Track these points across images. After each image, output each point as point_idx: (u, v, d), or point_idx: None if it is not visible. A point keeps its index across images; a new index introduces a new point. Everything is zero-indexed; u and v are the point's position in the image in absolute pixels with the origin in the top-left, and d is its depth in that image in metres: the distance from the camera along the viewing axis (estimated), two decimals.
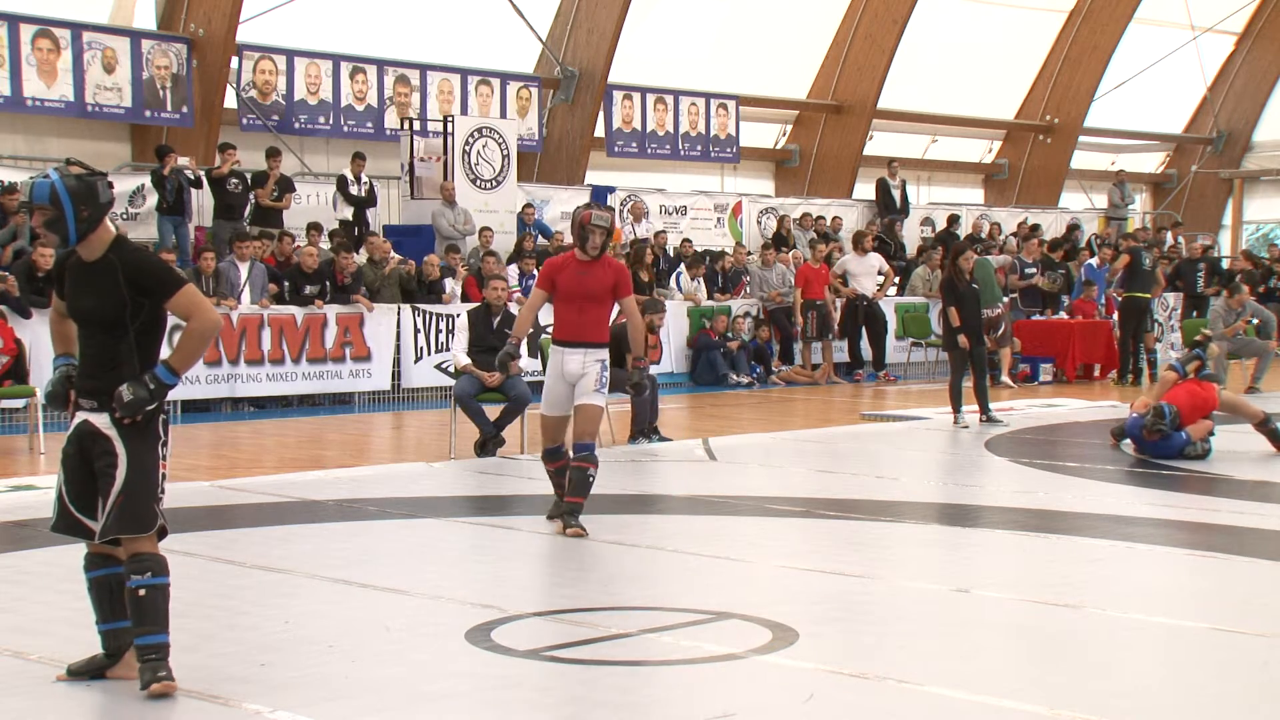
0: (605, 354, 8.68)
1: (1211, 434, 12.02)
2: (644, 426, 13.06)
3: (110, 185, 5.50)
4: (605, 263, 8.66)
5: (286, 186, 18.17)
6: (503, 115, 22.03)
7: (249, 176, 17.87)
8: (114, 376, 5.39)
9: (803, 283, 19.78)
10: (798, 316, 19.67)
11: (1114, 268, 20.19)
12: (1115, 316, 20.19)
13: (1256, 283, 23.17)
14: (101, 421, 5.41)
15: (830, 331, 19.84)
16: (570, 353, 8.64)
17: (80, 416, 5.46)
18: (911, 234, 25.33)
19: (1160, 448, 11.78)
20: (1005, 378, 18.81)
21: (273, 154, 17.98)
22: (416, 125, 20.22)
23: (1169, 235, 28.30)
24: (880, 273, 21.05)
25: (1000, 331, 18.18)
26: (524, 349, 12.47)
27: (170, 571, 5.45)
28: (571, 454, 8.63)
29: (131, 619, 5.38)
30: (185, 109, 19.29)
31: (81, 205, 5.34)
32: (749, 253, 21.73)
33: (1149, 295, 19.70)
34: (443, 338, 16.74)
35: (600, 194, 22.25)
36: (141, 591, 5.34)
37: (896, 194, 24.74)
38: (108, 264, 5.41)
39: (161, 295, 5.43)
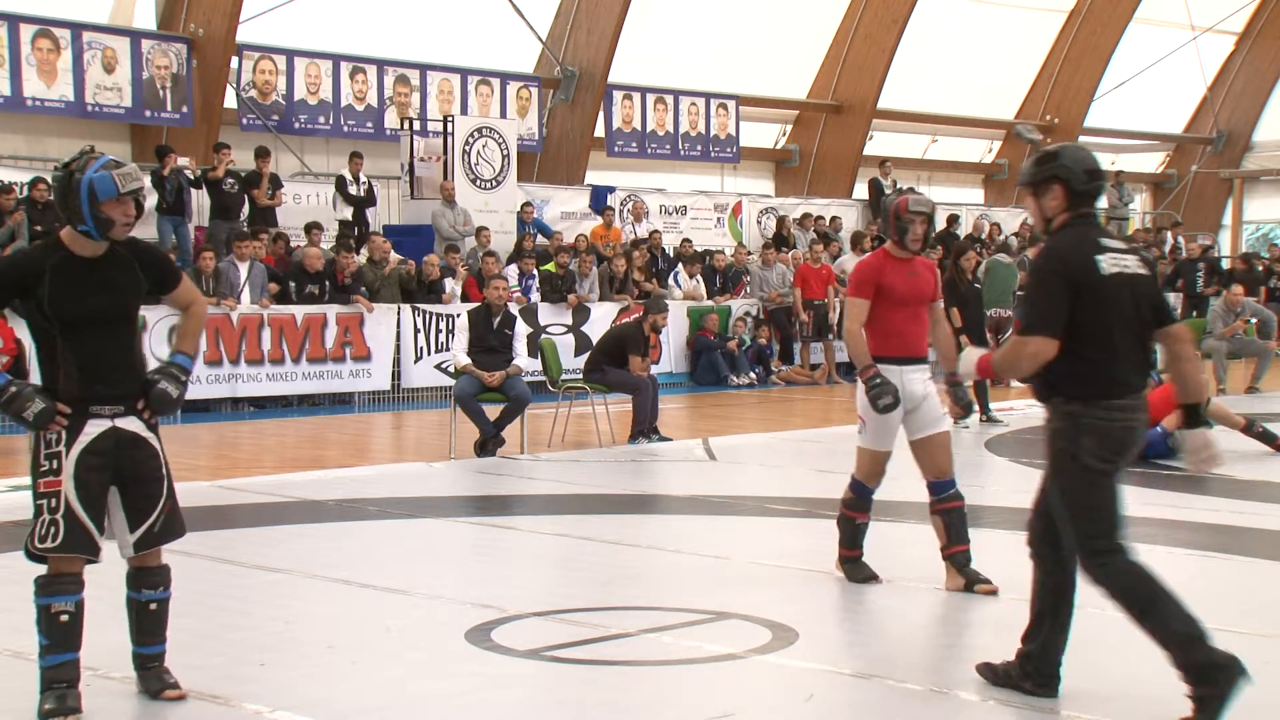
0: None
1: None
2: (644, 426, 13.05)
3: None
4: (920, 259, 7.32)
5: (275, 185, 18.17)
6: (503, 115, 22.03)
7: (242, 175, 17.85)
8: (135, 377, 5.21)
9: (801, 282, 19.79)
10: (801, 314, 19.65)
11: None
12: None
13: (1256, 283, 23.13)
14: (138, 427, 5.21)
15: (830, 331, 19.85)
16: (910, 371, 7.20)
17: (102, 425, 5.15)
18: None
19: (1147, 449, 11.79)
20: (1016, 382, 18.79)
21: (262, 154, 17.98)
22: (416, 125, 20.22)
23: (1169, 235, 28.28)
24: None
25: (1008, 334, 18.19)
26: (524, 348, 12.39)
27: None
28: (933, 495, 7.27)
29: (137, 629, 5.34)
30: (185, 109, 19.29)
31: None
32: (749, 253, 21.73)
33: None
34: (442, 338, 16.74)
35: (600, 194, 22.27)
36: (153, 606, 5.32)
37: (889, 194, 24.71)
38: (119, 258, 5.19)
39: (172, 285, 5.36)
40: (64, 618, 5.18)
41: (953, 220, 24.99)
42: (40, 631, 5.21)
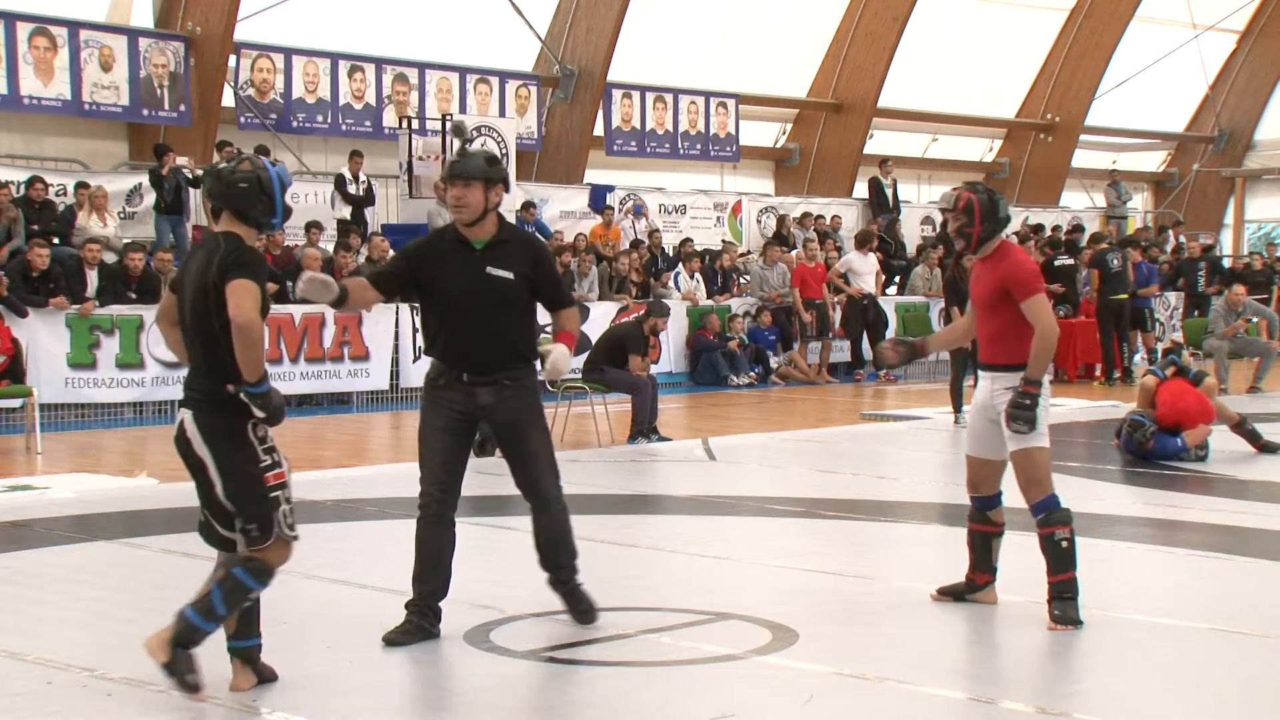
0: (1016, 379, 6.48)
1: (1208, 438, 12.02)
2: (644, 426, 13.02)
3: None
4: (997, 256, 6.59)
5: None
6: (502, 114, 22.01)
7: None
8: None
9: (799, 282, 19.76)
10: (803, 314, 19.61)
11: (1092, 280, 20.44)
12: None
13: (1260, 284, 23.11)
14: None
15: (829, 331, 19.81)
16: (985, 378, 6.68)
17: None
18: (912, 233, 25.30)
19: (1156, 451, 11.77)
20: None
21: (261, 153, 17.91)
22: (415, 124, 20.18)
23: (1171, 235, 28.25)
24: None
25: None
26: None
27: None
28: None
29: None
30: (183, 107, 19.26)
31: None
32: (749, 252, 21.70)
33: (1124, 296, 19.63)
34: None
35: (600, 193, 22.24)
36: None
37: (889, 193, 24.70)
38: None
39: None
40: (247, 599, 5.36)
41: None
42: (225, 603, 5.26)
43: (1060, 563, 6.45)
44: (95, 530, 8.66)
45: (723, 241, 21.75)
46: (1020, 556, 8.29)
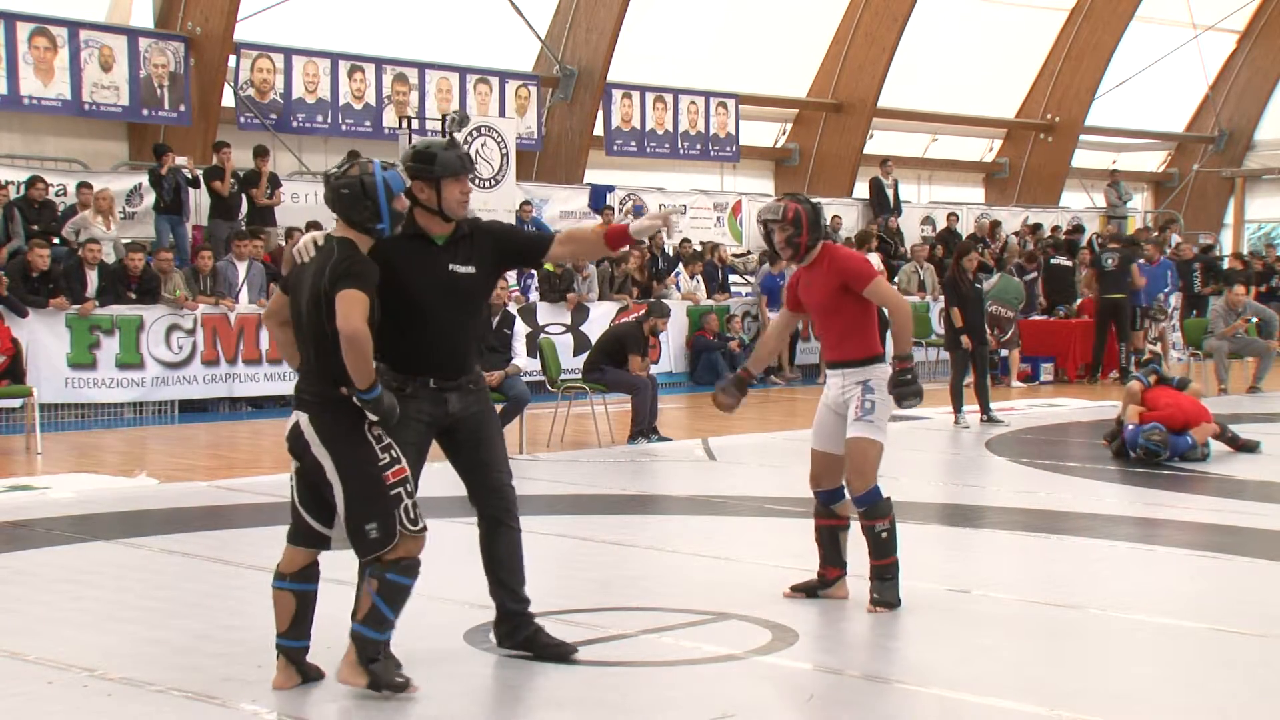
0: (869, 373, 6.86)
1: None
2: (644, 426, 13.03)
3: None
4: (823, 260, 6.88)
5: (274, 184, 18.12)
6: (501, 114, 21.99)
7: (240, 174, 17.80)
8: None
9: None
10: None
11: (1086, 278, 20.54)
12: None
13: (1256, 282, 23.13)
14: None
15: None
16: (831, 375, 7.01)
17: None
18: (912, 233, 25.30)
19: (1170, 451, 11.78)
20: (1017, 381, 18.86)
21: (261, 153, 17.92)
22: (415, 124, 20.18)
23: (1172, 235, 28.25)
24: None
25: (1009, 335, 18.18)
26: (523, 348, 12.36)
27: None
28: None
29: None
30: (183, 107, 19.25)
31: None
32: (749, 252, 21.70)
33: (1119, 296, 19.65)
34: None
35: (599, 193, 22.24)
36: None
37: (890, 193, 24.69)
38: None
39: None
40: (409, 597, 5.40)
41: (952, 219, 24.96)
42: (391, 608, 5.36)
43: (881, 551, 6.74)
44: (95, 530, 8.66)
45: (682, 240, 21.67)
46: (1019, 558, 8.31)
